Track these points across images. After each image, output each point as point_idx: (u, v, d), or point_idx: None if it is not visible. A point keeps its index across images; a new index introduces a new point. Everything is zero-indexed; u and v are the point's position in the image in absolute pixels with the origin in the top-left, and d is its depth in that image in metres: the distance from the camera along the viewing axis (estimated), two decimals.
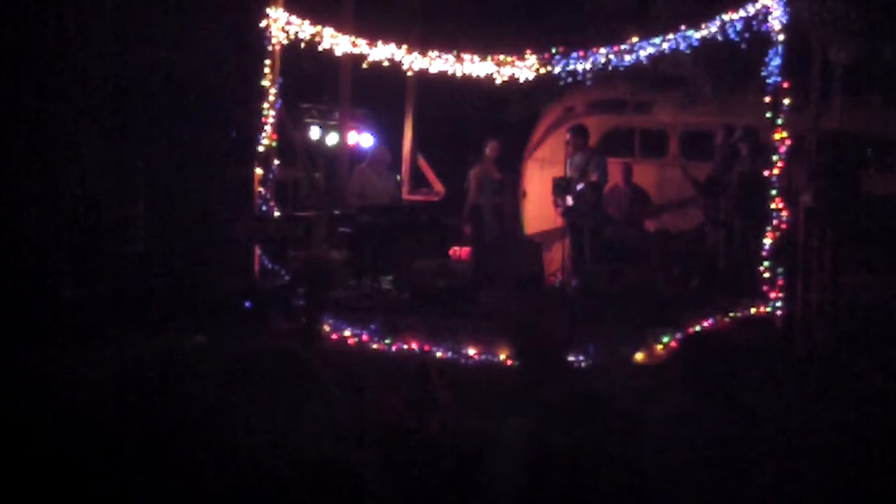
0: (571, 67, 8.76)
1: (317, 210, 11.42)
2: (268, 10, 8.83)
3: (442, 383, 4.33)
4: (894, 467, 4.48)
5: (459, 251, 10.97)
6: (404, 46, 9.11)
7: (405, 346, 7.84)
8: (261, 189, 8.93)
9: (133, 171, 9.89)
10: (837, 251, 8.24)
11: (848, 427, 5.36)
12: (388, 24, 10.54)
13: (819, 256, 8.23)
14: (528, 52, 8.84)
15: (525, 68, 8.85)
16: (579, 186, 9.75)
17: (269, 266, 8.84)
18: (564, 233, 10.43)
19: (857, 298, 8.16)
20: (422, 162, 12.49)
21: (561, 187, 10.07)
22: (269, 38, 8.83)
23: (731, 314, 8.03)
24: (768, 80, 8.08)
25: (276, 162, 9.06)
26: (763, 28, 8.11)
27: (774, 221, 8.02)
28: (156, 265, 9.30)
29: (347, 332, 8.11)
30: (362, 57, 9.08)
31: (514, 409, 3.14)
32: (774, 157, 8.04)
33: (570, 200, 9.86)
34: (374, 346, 7.97)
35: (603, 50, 8.65)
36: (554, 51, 8.81)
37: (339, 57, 9.41)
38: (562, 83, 9.15)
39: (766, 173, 8.13)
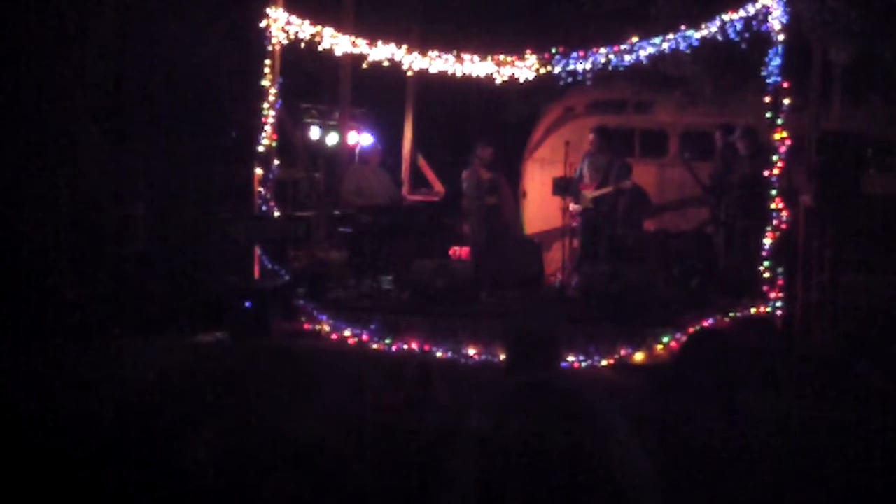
0: (571, 67, 8.76)
1: (317, 210, 11.42)
2: (268, 10, 8.83)
3: (442, 383, 4.32)
4: (894, 467, 4.48)
5: (459, 251, 10.96)
6: (404, 46, 9.11)
7: (405, 346, 7.85)
8: (261, 189, 8.93)
9: (133, 172, 9.92)
10: (837, 251, 8.24)
11: (848, 427, 5.36)
12: (388, 24, 10.53)
13: (819, 256, 8.23)
14: (528, 52, 8.85)
15: (525, 68, 8.85)
16: (604, 190, 9.69)
17: (269, 266, 8.84)
18: (565, 232, 10.41)
19: (857, 298, 8.16)
20: (422, 162, 12.47)
21: (561, 187, 10.04)
22: (269, 38, 8.83)
23: (731, 314, 8.03)
24: (768, 80, 8.08)
25: (276, 162, 9.06)
26: (763, 28, 8.11)
27: (774, 221, 8.02)
28: (156, 265, 9.32)
29: (347, 332, 8.13)
30: (362, 57, 9.09)
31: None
32: (774, 157, 8.05)
33: (589, 202, 9.80)
34: (374, 346, 7.98)
35: (603, 50, 8.66)
36: (554, 51, 8.81)
37: (339, 57, 9.41)
38: (562, 83, 9.15)
39: (766, 173, 8.14)
